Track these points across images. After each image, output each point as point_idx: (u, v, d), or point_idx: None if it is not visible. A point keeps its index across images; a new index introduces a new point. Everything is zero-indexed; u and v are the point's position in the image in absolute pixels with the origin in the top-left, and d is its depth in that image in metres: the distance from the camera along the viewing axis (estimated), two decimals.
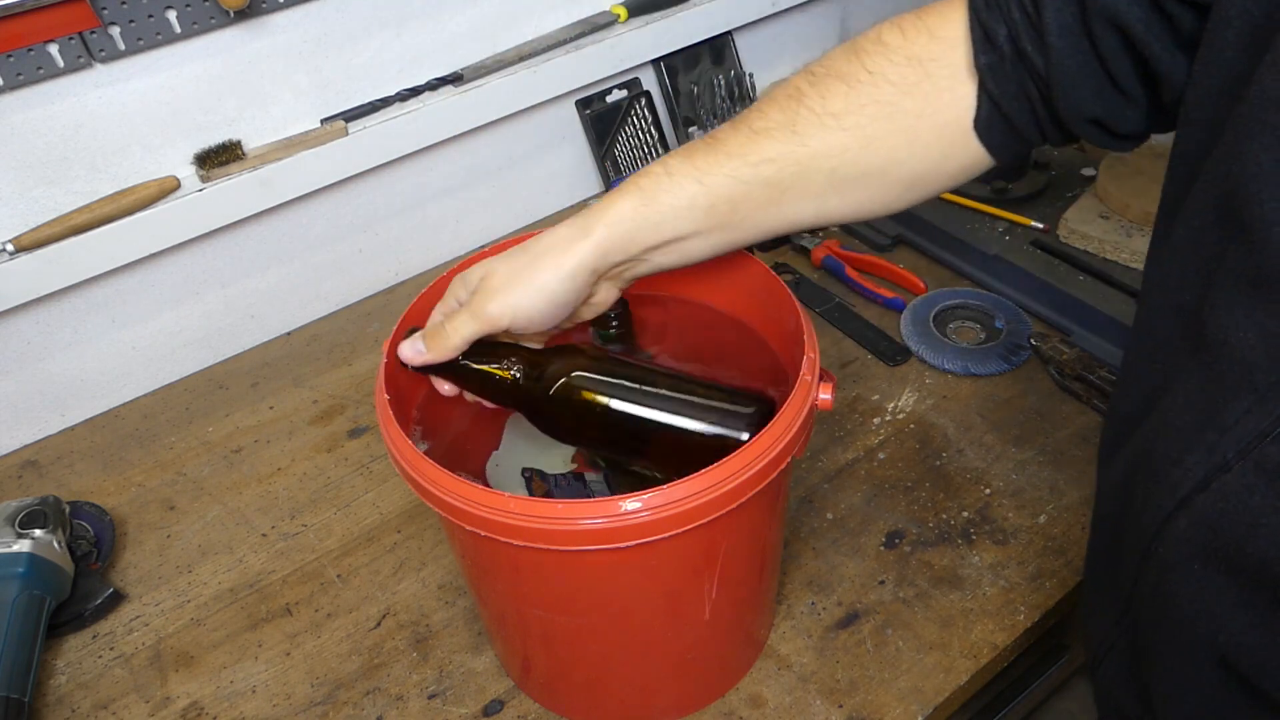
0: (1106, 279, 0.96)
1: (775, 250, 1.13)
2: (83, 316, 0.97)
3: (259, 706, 0.73)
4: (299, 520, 0.88)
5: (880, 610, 0.75)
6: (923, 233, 1.10)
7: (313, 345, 1.09)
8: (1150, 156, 1.04)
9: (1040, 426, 0.89)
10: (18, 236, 0.87)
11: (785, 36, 1.34)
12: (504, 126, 1.14)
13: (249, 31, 0.93)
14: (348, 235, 1.10)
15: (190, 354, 1.06)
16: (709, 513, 0.53)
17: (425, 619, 0.78)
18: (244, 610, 0.81)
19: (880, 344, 0.98)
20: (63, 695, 0.75)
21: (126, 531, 0.88)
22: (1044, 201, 1.07)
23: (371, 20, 0.99)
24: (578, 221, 0.58)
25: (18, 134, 0.85)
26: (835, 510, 0.83)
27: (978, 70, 0.53)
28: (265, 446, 0.96)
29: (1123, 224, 0.99)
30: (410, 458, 0.56)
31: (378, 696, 0.73)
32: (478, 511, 0.52)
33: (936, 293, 1.02)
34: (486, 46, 1.08)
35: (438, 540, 0.84)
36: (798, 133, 0.55)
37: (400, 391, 0.65)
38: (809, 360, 0.58)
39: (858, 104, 0.54)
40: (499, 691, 0.73)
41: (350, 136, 1.00)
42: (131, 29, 0.85)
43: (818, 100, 0.55)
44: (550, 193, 1.23)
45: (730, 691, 0.71)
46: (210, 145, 0.94)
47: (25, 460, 0.97)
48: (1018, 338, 0.96)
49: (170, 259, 0.99)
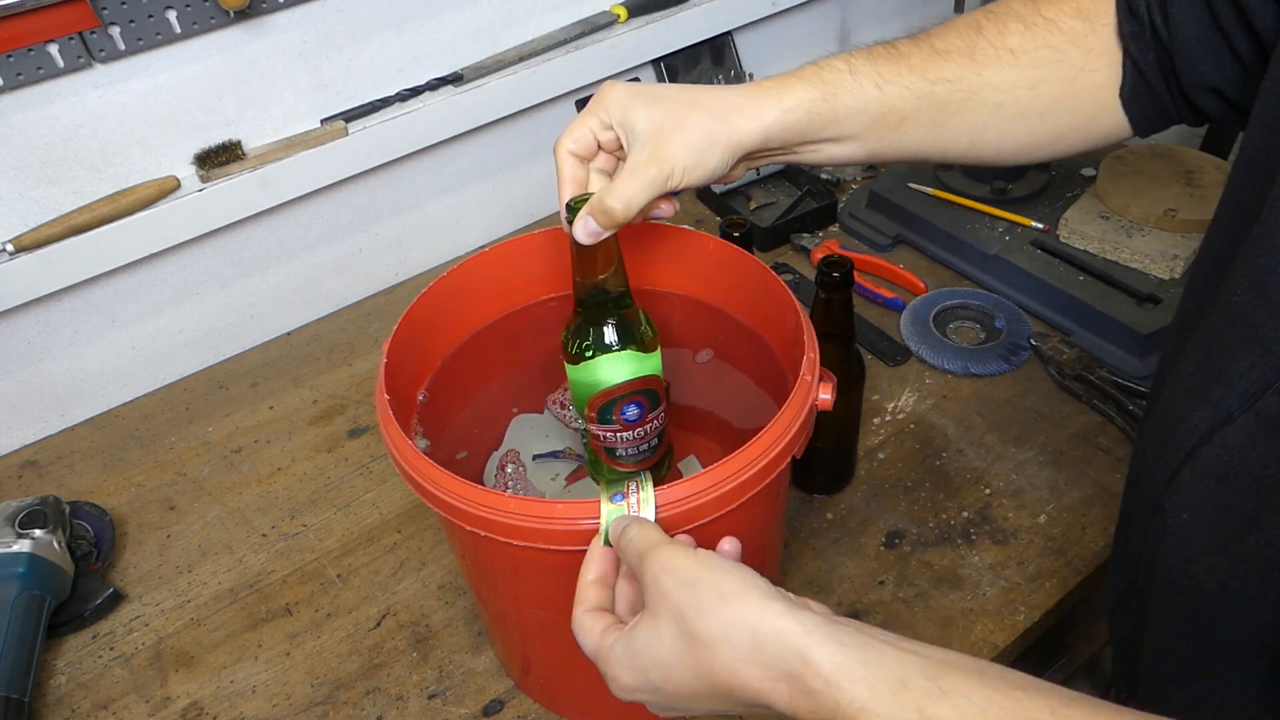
0: (1106, 279, 0.96)
1: (775, 250, 1.13)
2: (83, 316, 0.97)
3: (259, 706, 0.73)
4: (299, 520, 0.88)
5: (880, 610, 0.75)
6: (923, 233, 1.10)
7: (313, 345, 1.09)
8: (1150, 156, 1.04)
9: (1040, 426, 0.89)
10: (18, 236, 0.87)
11: (785, 37, 1.34)
12: (504, 126, 1.14)
13: (249, 31, 0.92)
14: (348, 235, 1.10)
15: (190, 354, 1.06)
16: (709, 512, 0.53)
17: (425, 619, 0.78)
18: (244, 610, 0.81)
19: (880, 344, 0.98)
20: (63, 695, 0.75)
21: (126, 531, 0.88)
22: (1044, 201, 1.07)
23: (371, 20, 0.99)
24: (749, 93, 0.56)
25: (18, 134, 0.85)
26: (835, 510, 0.83)
27: (1122, 38, 0.55)
28: (265, 446, 0.96)
29: (1123, 224, 0.99)
30: (410, 458, 0.56)
31: (378, 696, 0.73)
32: (478, 511, 0.52)
33: (936, 293, 1.02)
34: (486, 46, 1.08)
35: (438, 540, 0.84)
36: (975, 61, 0.56)
37: (400, 391, 0.65)
38: (809, 360, 0.58)
39: (1032, 44, 0.56)
40: (499, 691, 0.73)
41: (350, 136, 1.00)
42: (131, 29, 0.85)
43: (996, 34, 0.57)
44: (550, 193, 1.22)
45: None
46: (210, 145, 0.94)
47: (25, 460, 0.97)
48: (1018, 338, 0.96)
49: (170, 259, 0.99)
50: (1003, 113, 0.57)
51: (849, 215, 1.15)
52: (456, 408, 0.74)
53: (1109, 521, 0.79)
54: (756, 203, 1.19)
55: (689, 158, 0.55)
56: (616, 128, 0.57)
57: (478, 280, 0.72)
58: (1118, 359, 0.92)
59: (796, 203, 1.17)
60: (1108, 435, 0.87)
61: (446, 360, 0.73)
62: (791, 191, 1.20)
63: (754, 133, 0.55)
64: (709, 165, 0.55)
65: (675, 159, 0.54)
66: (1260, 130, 0.45)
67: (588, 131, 0.58)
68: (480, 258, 0.72)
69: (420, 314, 0.67)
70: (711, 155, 0.55)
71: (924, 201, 1.10)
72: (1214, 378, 0.44)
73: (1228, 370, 0.43)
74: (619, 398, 0.64)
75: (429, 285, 0.68)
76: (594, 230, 0.56)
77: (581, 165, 0.59)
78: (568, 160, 0.59)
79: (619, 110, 0.57)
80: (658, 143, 0.55)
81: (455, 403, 0.74)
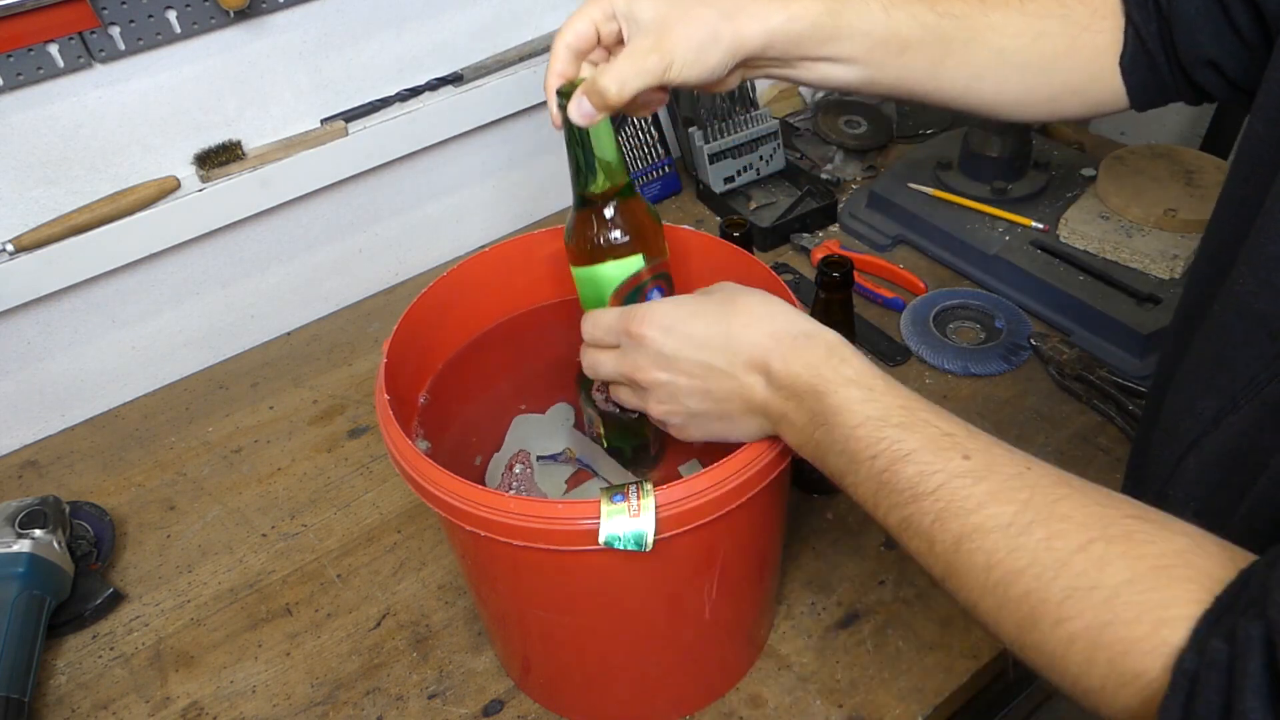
0: (1106, 279, 0.96)
1: (775, 250, 1.13)
2: (83, 316, 0.97)
3: (259, 706, 0.73)
4: (299, 520, 0.88)
5: (880, 610, 0.75)
6: (923, 233, 1.10)
7: (313, 345, 1.09)
8: (1150, 156, 1.04)
9: (1040, 426, 0.89)
10: (18, 236, 0.87)
11: None
12: (504, 126, 1.14)
13: (249, 31, 0.92)
14: (348, 235, 1.10)
15: (190, 354, 1.06)
16: (709, 513, 0.53)
17: (425, 619, 0.78)
18: (244, 610, 0.81)
19: (880, 344, 0.98)
20: (63, 695, 0.75)
21: (126, 531, 0.88)
22: (1044, 201, 1.07)
23: (371, 20, 0.99)
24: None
25: (18, 134, 0.85)
26: (835, 510, 0.83)
27: (1125, 3, 0.55)
28: (265, 446, 0.96)
29: (1123, 224, 0.99)
30: (410, 458, 0.56)
31: (378, 696, 0.73)
32: (478, 511, 0.52)
33: (936, 293, 1.02)
34: (486, 46, 1.08)
35: (438, 540, 0.84)
36: (984, 2, 0.57)
37: (400, 392, 0.65)
38: None
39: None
40: (499, 691, 0.73)
41: (350, 136, 1.00)
42: (131, 29, 0.85)
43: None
44: (550, 192, 1.23)
45: (730, 691, 0.71)
46: (210, 145, 0.94)
47: (25, 460, 0.97)
48: (1018, 338, 0.96)
49: (170, 259, 0.99)
50: (1003, 59, 0.58)
51: (849, 215, 1.15)
52: (458, 410, 0.74)
53: None
54: (756, 203, 1.19)
55: (690, 52, 0.54)
56: (620, 18, 0.56)
57: (478, 280, 0.72)
58: (1118, 359, 0.92)
59: (796, 203, 1.17)
60: (1108, 435, 0.87)
61: (448, 363, 0.73)
62: (791, 191, 1.20)
63: (757, 35, 0.55)
64: (708, 63, 0.55)
65: (676, 50, 0.54)
66: (1263, 121, 0.45)
67: (589, 23, 0.57)
68: (481, 257, 0.72)
69: (420, 314, 0.67)
70: (713, 53, 0.55)
71: (924, 201, 1.10)
72: (1221, 368, 0.44)
73: (1234, 360, 0.43)
74: (645, 283, 0.62)
75: (429, 285, 0.68)
76: (587, 111, 0.55)
77: (575, 61, 0.58)
78: (563, 53, 0.58)
79: (624, 1, 0.56)
80: (660, 33, 0.54)
81: (457, 405, 0.74)
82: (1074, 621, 0.37)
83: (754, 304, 0.53)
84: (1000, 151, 1.07)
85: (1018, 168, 1.09)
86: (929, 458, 0.44)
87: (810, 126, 1.31)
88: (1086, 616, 0.37)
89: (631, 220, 0.61)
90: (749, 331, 0.52)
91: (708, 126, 1.16)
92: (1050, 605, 0.38)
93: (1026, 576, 0.39)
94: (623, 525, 0.51)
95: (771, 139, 1.19)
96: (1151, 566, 0.36)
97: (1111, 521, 0.39)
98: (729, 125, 1.17)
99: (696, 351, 0.52)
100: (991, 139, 1.07)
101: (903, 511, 0.45)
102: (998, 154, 1.07)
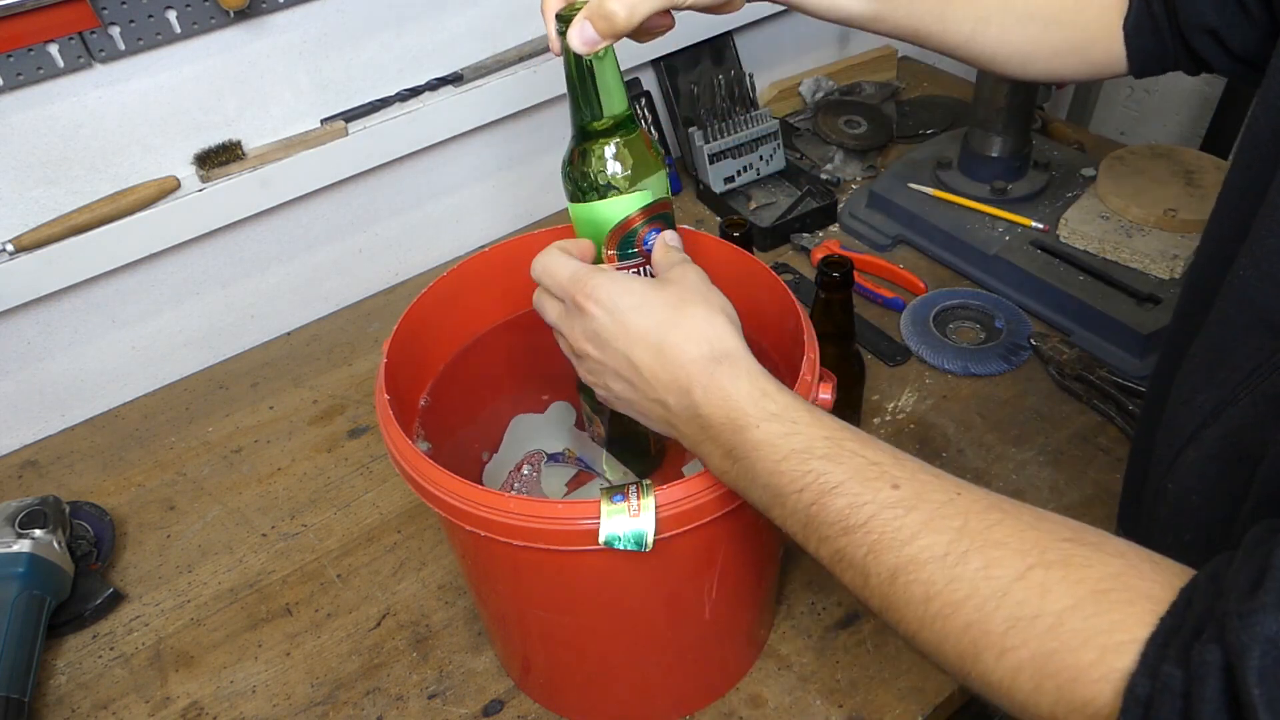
0: (1106, 279, 0.96)
1: (775, 250, 1.13)
2: (83, 316, 0.97)
3: (259, 706, 0.73)
4: (299, 520, 0.88)
5: None
6: (923, 233, 1.10)
7: (313, 345, 1.09)
8: (1150, 156, 1.04)
9: (1040, 426, 0.89)
10: (18, 236, 0.87)
11: (785, 37, 1.34)
12: (504, 126, 1.14)
13: (249, 31, 0.92)
14: (348, 235, 1.10)
15: (190, 354, 1.06)
16: (709, 513, 0.53)
17: (425, 619, 0.78)
18: (244, 610, 0.81)
19: (880, 344, 0.98)
20: (63, 695, 0.75)
21: (126, 531, 0.88)
22: (1044, 201, 1.07)
23: (371, 20, 0.99)
24: None
25: (18, 134, 0.85)
26: None
27: None
28: (265, 446, 0.96)
29: (1123, 224, 0.99)
30: (410, 458, 0.56)
31: (378, 696, 0.73)
32: (478, 511, 0.52)
33: (936, 293, 1.02)
34: (486, 46, 1.08)
35: (438, 540, 0.84)
36: None
37: (400, 392, 0.65)
38: (809, 360, 0.58)
39: None
40: (499, 691, 0.73)
41: (350, 136, 1.00)
42: (131, 29, 0.85)
43: None
44: (550, 193, 1.23)
45: (730, 691, 0.71)
46: (210, 145, 0.94)
47: (25, 460, 0.97)
48: (1018, 338, 0.96)
49: (170, 259, 0.99)
50: (1009, 7, 0.58)
51: (849, 215, 1.15)
52: (458, 410, 0.74)
53: (1109, 521, 0.79)
54: (756, 203, 1.19)
55: None
56: None
57: (479, 280, 0.72)
58: (1118, 359, 0.92)
59: (796, 203, 1.17)
60: (1108, 435, 0.87)
61: (448, 363, 0.73)
62: (791, 191, 1.20)
63: None
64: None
65: None
66: (1267, 111, 0.45)
67: None
68: (481, 257, 0.72)
69: (421, 314, 0.67)
70: None
71: (924, 201, 1.10)
72: (1220, 360, 0.44)
73: (1234, 353, 0.43)
74: (642, 224, 0.59)
75: (429, 285, 0.68)
76: (590, 38, 0.52)
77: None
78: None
79: None
80: None
81: (457, 405, 0.74)
82: (1019, 651, 0.36)
83: (699, 318, 0.50)
84: (1000, 151, 1.07)
85: (1018, 168, 1.09)
86: (857, 489, 0.43)
87: (810, 126, 1.31)
88: (1031, 646, 0.36)
89: (632, 156, 0.58)
90: (685, 348, 0.49)
91: (708, 126, 1.16)
92: (994, 636, 0.37)
93: (967, 608, 0.38)
94: (623, 525, 0.51)
95: (771, 139, 1.19)
96: (1092, 591, 0.36)
97: (1047, 546, 0.38)
98: (729, 125, 1.17)
99: (629, 346, 0.50)
100: (992, 139, 1.07)
101: (834, 545, 0.43)
102: (998, 154, 1.07)
